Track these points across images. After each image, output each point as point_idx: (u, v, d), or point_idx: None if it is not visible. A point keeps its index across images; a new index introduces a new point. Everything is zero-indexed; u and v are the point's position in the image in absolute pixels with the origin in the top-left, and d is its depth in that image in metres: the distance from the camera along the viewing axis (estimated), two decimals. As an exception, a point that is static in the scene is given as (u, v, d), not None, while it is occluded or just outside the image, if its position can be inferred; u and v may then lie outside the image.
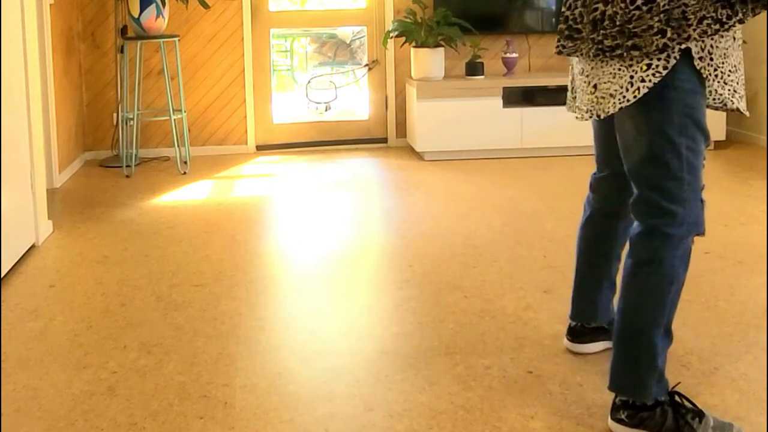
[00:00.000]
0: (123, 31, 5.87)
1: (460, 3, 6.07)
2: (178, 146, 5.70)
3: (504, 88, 5.87)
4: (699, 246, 3.71)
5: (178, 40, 5.76)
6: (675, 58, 1.98)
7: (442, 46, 5.91)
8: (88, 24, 5.98)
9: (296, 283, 3.47)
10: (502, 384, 2.43)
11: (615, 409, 2.15)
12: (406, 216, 4.43)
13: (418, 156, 5.97)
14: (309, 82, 7.07)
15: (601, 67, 2.07)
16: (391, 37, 6.02)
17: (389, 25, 6.11)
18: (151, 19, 5.46)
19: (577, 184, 2.94)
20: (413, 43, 5.94)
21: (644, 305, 2.08)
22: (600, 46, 2.03)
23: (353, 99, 7.05)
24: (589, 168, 2.53)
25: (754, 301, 3.06)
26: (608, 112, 2.07)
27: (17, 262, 3.62)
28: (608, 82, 2.06)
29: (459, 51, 6.06)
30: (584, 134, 5.53)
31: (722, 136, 5.98)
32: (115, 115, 6.02)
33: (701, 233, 2.11)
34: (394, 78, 6.33)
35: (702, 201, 2.11)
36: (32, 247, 3.87)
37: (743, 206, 4.41)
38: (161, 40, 5.59)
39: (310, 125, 6.45)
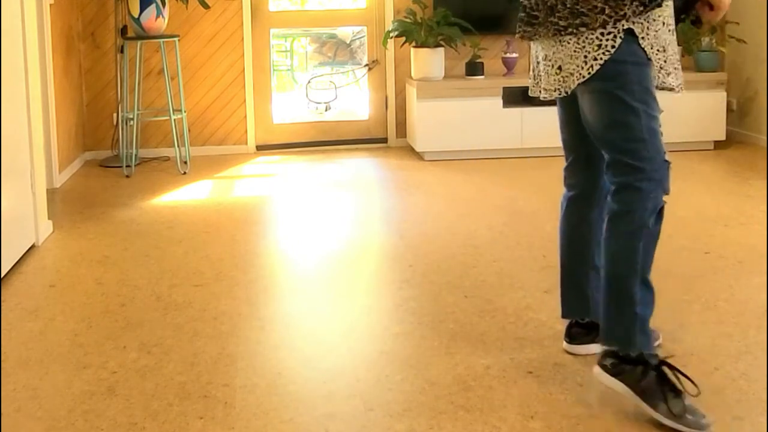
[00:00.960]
0: (123, 31, 5.87)
1: (460, 3, 6.07)
2: (178, 146, 5.70)
3: (504, 88, 5.87)
4: (699, 246, 3.73)
5: (178, 40, 5.75)
6: (620, 37, 2.28)
7: (442, 46, 5.91)
8: (88, 24, 5.98)
9: (296, 283, 3.47)
10: (502, 384, 2.43)
11: (603, 356, 2.31)
12: (406, 216, 4.43)
13: (418, 156, 5.97)
14: (309, 82, 7.07)
15: (562, 49, 2.37)
16: (391, 37, 6.01)
17: (389, 25, 6.10)
18: (151, 19, 5.46)
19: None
20: (413, 43, 5.93)
21: (619, 252, 2.30)
22: (556, 27, 2.35)
23: (353, 99, 7.04)
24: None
25: (754, 301, 3.06)
26: (572, 88, 2.36)
27: (17, 262, 3.62)
28: (568, 63, 2.36)
29: (459, 51, 6.05)
30: (584, 134, 5.54)
31: (722, 136, 5.97)
32: (115, 115, 6.02)
33: (666, 191, 2.31)
34: (394, 78, 6.33)
35: (667, 162, 2.32)
36: (32, 247, 3.87)
37: (743, 206, 4.41)
38: (161, 40, 5.59)
39: (310, 125, 6.45)
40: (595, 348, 2.61)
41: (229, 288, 3.32)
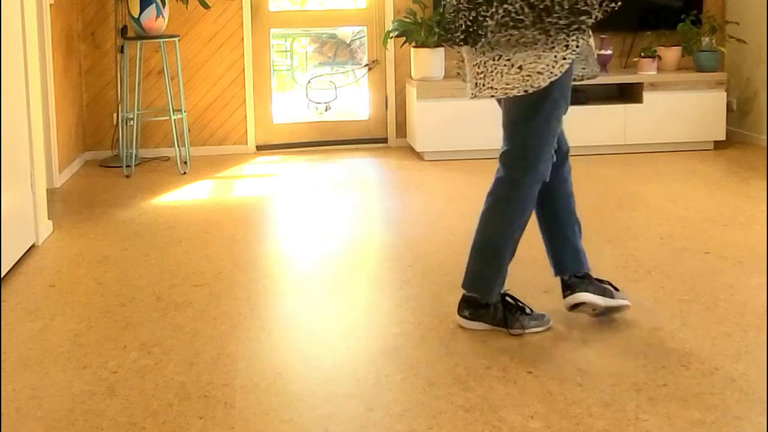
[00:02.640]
0: (123, 31, 5.87)
1: (460, 3, 6.06)
2: (178, 146, 5.70)
3: (504, 88, 5.86)
4: (699, 246, 3.73)
5: (178, 40, 5.75)
6: (577, 39, 2.55)
7: (442, 46, 5.91)
8: (88, 24, 5.98)
9: (296, 283, 3.47)
10: (502, 384, 2.43)
11: (460, 308, 2.82)
12: (406, 216, 4.43)
13: (418, 156, 5.97)
14: (309, 82, 7.07)
15: (525, 50, 2.58)
16: (391, 37, 6.02)
17: (389, 25, 6.10)
18: (151, 19, 5.46)
19: (577, 183, 2.95)
20: (413, 43, 5.94)
21: (498, 226, 2.74)
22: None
23: (353, 99, 7.04)
24: (587, 167, 2.54)
25: (754, 301, 3.06)
26: (540, 85, 2.57)
27: (17, 262, 3.62)
28: (534, 62, 2.56)
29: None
30: (584, 133, 5.53)
31: (722, 136, 5.97)
32: (115, 115, 6.02)
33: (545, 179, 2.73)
34: (394, 78, 6.33)
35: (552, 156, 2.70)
36: (32, 247, 3.87)
37: (743, 206, 4.41)
38: (161, 40, 5.59)
39: (310, 125, 6.45)
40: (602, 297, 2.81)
41: (229, 288, 3.32)
